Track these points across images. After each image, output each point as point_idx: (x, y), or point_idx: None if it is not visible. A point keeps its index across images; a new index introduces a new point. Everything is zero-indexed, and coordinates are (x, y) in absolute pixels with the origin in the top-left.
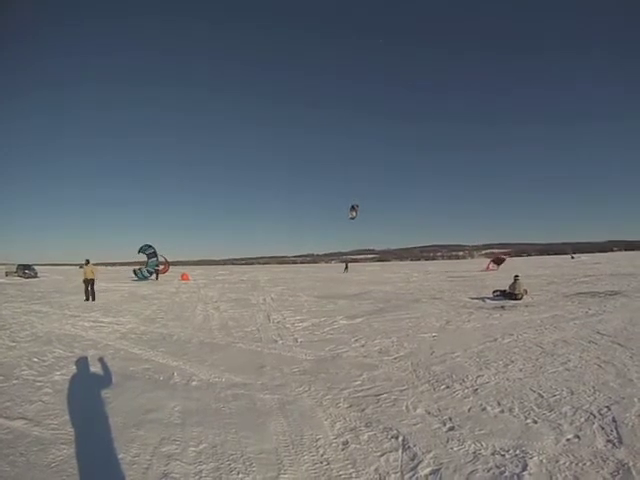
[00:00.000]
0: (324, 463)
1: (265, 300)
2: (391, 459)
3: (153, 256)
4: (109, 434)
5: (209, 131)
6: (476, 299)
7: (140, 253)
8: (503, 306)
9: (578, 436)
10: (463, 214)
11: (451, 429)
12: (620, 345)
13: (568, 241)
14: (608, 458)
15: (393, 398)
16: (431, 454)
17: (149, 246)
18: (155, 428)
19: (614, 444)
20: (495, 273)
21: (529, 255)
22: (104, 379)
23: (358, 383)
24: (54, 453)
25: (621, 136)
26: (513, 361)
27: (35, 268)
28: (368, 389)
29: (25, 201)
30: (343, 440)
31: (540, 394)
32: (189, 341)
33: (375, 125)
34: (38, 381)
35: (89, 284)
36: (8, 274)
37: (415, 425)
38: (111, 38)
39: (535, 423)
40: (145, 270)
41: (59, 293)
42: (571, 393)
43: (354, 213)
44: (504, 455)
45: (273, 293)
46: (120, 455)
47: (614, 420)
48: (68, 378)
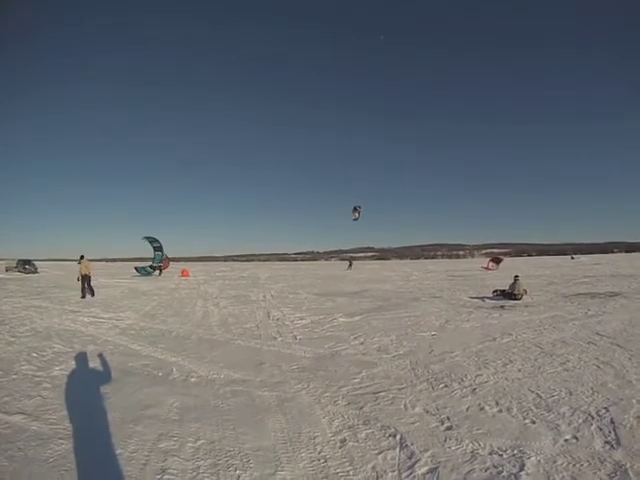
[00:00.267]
0: (322, 460)
1: (265, 297)
2: (388, 457)
3: (159, 250)
4: (107, 429)
5: (210, 129)
6: (476, 298)
7: (145, 240)
8: (503, 306)
9: (576, 437)
10: (464, 213)
11: (449, 428)
12: (619, 346)
13: (568, 242)
14: (606, 459)
15: (391, 396)
16: (429, 453)
17: (156, 239)
18: (153, 424)
19: (612, 445)
20: (495, 273)
21: (529, 255)
22: (103, 374)
23: (357, 381)
24: (52, 448)
25: (621, 136)
26: (512, 361)
27: (35, 263)
28: (366, 387)
29: (26, 198)
30: (341, 438)
31: (538, 394)
32: (188, 337)
33: (375, 123)
34: (37, 376)
35: (86, 281)
36: (8, 269)
37: (413, 424)
38: (111, 37)
39: (533, 423)
40: (148, 266)
41: (59, 288)
42: (569, 394)
43: (357, 214)
44: (502, 455)
45: (273, 290)
46: (118, 450)
47: (612, 421)
48: (67, 373)
